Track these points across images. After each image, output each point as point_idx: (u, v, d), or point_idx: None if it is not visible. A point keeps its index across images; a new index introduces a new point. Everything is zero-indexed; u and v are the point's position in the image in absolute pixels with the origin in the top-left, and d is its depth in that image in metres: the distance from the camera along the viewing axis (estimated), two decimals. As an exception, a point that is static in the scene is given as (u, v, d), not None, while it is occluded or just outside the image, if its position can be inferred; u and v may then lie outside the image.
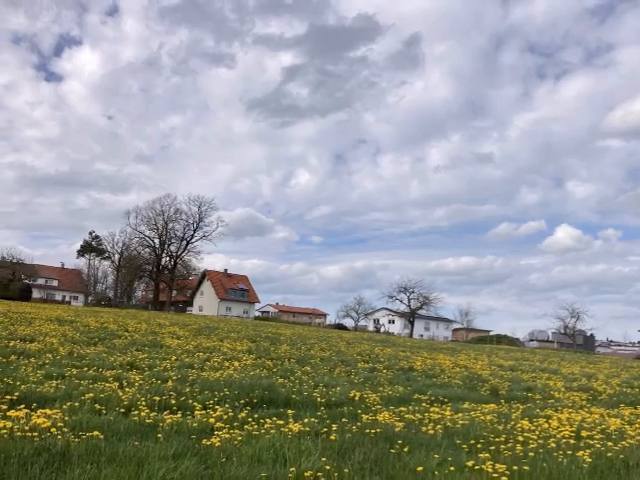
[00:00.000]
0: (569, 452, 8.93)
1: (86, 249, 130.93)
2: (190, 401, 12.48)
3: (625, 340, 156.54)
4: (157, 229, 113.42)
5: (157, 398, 12.20)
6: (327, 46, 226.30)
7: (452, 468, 7.85)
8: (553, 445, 9.46)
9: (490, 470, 7.63)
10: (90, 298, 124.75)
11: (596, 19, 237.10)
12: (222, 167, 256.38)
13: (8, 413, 9.02)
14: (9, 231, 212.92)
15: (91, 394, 11.89)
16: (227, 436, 9.12)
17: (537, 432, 10.59)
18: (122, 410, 11.14)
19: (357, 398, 14.89)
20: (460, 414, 12.78)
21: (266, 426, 9.96)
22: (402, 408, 13.49)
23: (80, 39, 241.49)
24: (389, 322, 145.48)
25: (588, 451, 8.99)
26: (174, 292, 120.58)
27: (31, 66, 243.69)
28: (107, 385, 13.46)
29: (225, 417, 10.82)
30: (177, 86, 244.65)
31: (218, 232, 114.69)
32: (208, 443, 8.71)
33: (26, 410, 9.32)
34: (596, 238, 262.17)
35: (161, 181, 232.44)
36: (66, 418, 9.59)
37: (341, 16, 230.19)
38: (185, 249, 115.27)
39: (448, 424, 11.47)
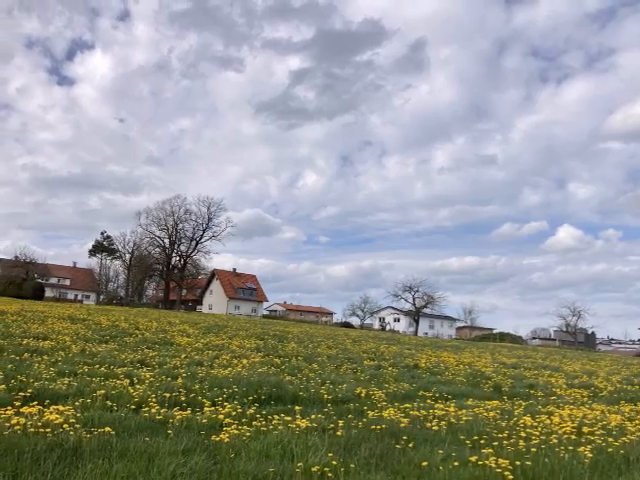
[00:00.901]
0: (571, 448, 8.94)
1: (98, 249, 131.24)
2: (199, 398, 12.49)
3: (625, 338, 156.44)
4: (167, 229, 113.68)
5: (167, 395, 12.20)
6: (334, 50, 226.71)
7: (456, 463, 7.87)
8: (555, 441, 9.46)
9: (493, 465, 7.63)
10: (102, 297, 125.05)
11: (597, 24, 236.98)
12: (231, 169, 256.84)
13: (22, 409, 9.04)
14: (23, 231, 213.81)
15: (103, 391, 11.90)
16: (236, 432, 9.13)
17: (539, 428, 10.59)
18: (133, 407, 11.15)
19: (363, 395, 14.90)
20: (464, 410, 12.77)
21: (274, 422, 9.97)
22: (407, 405, 13.48)
23: (92, 43, 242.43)
24: (394, 320, 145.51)
25: (589, 447, 9.00)
26: (184, 291, 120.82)
27: (44, 70, 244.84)
28: (118, 382, 13.47)
29: (234, 413, 10.82)
30: (187, 89, 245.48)
31: (227, 232, 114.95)
32: (217, 439, 8.72)
33: (39, 406, 9.35)
34: (597, 238, 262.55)
35: (171, 182, 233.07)
36: (78, 414, 9.62)
37: (347, 21, 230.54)
38: (195, 249, 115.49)
39: (452, 420, 11.47)
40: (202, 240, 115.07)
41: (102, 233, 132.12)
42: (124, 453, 7.64)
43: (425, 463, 7.90)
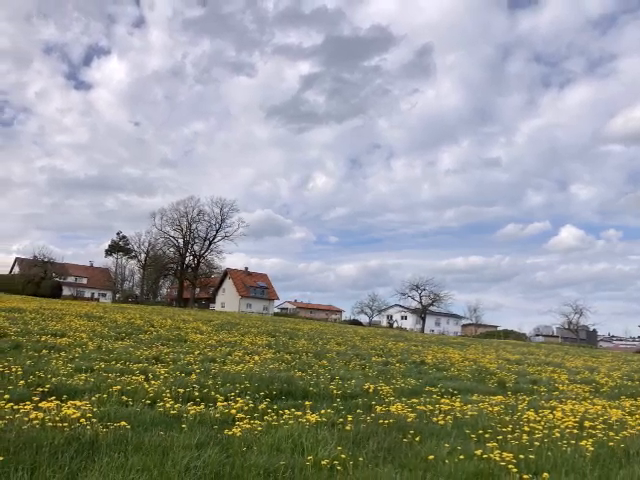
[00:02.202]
0: (573, 442, 8.92)
1: (114, 249, 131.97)
2: (213, 393, 12.50)
3: (626, 335, 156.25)
4: (181, 230, 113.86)
5: (181, 390, 12.23)
6: (343, 55, 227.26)
7: (461, 457, 7.87)
8: (557, 435, 9.44)
9: (497, 458, 7.62)
10: (117, 295, 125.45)
11: (598, 30, 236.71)
12: (243, 171, 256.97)
13: (40, 404, 9.05)
14: (41, 231, 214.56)
15: (118, 386, 11.92)
16: (248, 426, 9.14)
17: (542, 422, 10.57)
18: (148, 402, 11.17)
19: (371, 390, 14.88)
20: (469, 405, 12.74)
21: (285, 417, 9.96)
22: (414, 400, 13.47)
23: (108, 49, 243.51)
24: (402, 318, 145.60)
25: (591, 440, 8.99)
26: (197, 289, 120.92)
27: (62, 75, 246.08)
28: (134, 378, 13.47)
29: (246, 408, 10.83)
30: (200, 94, 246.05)
31: (239, 232, 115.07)
32: (230, 433, 8.72)
33: (57, 401, 9.37)
34: (598, 238, 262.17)
35: (185, 184, 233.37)
36: (95, 409, 9.64)
37: (356, 27, 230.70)
38: (208, 249, 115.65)
39: (458, 415, 11.46)
40: (215, 240, 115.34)
41: (118, 233, 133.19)
42: (139, 447, 7.66)
43: (431, 456, 7.90)
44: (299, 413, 10.19)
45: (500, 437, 9.25)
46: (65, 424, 8.06)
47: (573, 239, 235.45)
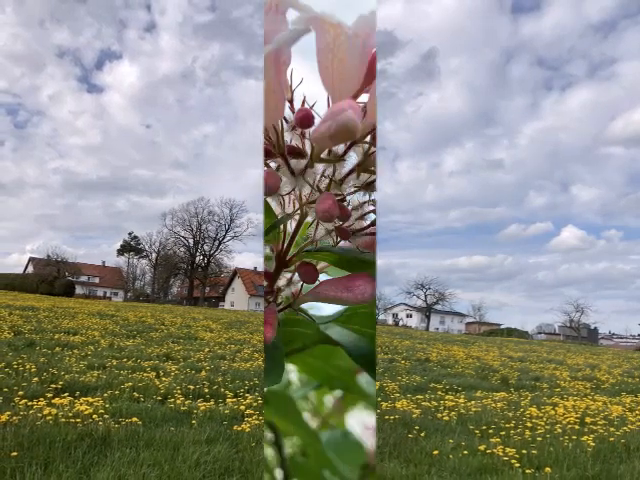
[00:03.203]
0: (574, 437, 8.92)
1: (125, 248, 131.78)
2: (222, 390, 12.50)
3: (626, 333, 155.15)
4: (191, 230, 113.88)
5: (191, 387, 12.24)
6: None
7: (465, 452, 7.87)
8: (559, 431, 9.44)
9: (501, 454, 7.63)
10: (129, 294, 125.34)
11: (599, 35, 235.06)
12: (252, 172, 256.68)
13: (53, 401, 9.08)
14: (54, 232, 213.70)
15: (130, 383, 11.93)
16: (256, 422, 9.15)
17: (544, 419, 10.57)
18: (159, 398, 11.18)
19: (377, 387, 14.84)
20: (473, 402, 12.75)
21: (292, 413, 9.96)
22: (419, 396, 13.47)
23: (120, 53, 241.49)
24: (407, 316, 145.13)
25: (592, 436, 8.99)
26: (207, 288, 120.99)
27: (74, 78, 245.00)
28: (145, 375, 13.50)
29: (255, 404, 10.83)
30: (210, 97, 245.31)
31: (248, 232, 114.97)
32: (239, 429, 8.72)
33: (70, 398, 9.39)
34: (599, 238, 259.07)
35: (195, 185, 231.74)
36: (107, 405, 9.64)
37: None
38: (217, 248, 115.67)
39: (462, 411, 11.45)
40: (224, 240, 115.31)
41: (129, 234, 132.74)
42: (150, 442, 7.67)
43: (436, 452, 7.91)
44: (306, 409, 10.19)
45: (503, 433, 9.25)
46: (78, 420, 8.08)
47: (575, 239, 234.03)
